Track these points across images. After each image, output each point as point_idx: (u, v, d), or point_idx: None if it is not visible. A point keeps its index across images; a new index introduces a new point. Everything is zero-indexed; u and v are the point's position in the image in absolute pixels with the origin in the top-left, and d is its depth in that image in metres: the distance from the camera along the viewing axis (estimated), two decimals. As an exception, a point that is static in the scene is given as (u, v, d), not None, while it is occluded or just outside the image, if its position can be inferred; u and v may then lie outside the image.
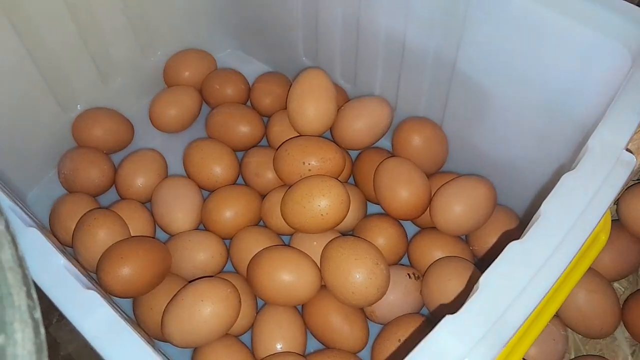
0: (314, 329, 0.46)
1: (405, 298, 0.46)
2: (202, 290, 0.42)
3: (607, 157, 0.30)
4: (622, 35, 0.36)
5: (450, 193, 0.48)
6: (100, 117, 0.56)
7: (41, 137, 0.54)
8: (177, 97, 0.58)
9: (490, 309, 0.26)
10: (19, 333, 0.22)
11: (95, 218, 0.47)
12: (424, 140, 0.52)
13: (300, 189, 0.46)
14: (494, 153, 0.50)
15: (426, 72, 0.49)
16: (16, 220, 0.31)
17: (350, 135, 0.53)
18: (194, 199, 0.52)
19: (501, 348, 0.26)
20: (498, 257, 0.28)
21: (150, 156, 0.54)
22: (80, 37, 0.51)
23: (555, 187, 0.30)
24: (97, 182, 0.53)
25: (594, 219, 0.29)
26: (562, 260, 0.28)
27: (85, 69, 0.54)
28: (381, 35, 0.50)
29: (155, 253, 0.45)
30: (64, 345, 0.51)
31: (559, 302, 0.34)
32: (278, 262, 0.45)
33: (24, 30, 0.47)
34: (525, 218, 0.50)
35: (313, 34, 0.56)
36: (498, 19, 0.41)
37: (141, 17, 0.55)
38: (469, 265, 0.45)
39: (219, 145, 0.54)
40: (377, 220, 0.49)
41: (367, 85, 0.56)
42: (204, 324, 0.41)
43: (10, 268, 0.24)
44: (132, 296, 0.46)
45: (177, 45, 0.61)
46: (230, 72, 0.61)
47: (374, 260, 0.43)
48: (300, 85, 0.52)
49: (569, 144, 0.42)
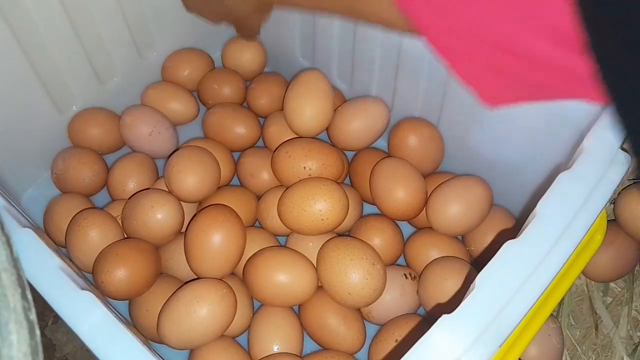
0: (310, 330, 0.46)
1: (402, 298, 0.46)
2: (198, 291, 0.42)
3: (603, 157, 0.30)
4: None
5: (447, 193, 0.48)
6: (96, 118, 0.56)
7: (37, 138, 0.54)
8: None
9: (486, 308, 0.26)
10: (14, 334, 0.22)
11: (85, 218, 0.47)
12: (420, 140, 0.52)
13: (301, 191, 0.46)
14: (490, 153, 0.50)
15: (422, 73, 0.49)
16: (11, 221, 0.31)
17: (347, 135, 0.53)
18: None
19: (497, 347, 0.26)
20: (494, 257, 0.28)
21: (140, 158, 0.54)
22: (77, 37, 0.51)
23: (551, 187, 0.30)
24: (89, 182, 0.53)
25: (590, 219, 0.29)
26: (558, 259, 0.28)
27: (82, 69, 0.54)
28: (378, 36, 0.50)
29: (148, 255, 0.45)
30: (60, 347, 0.51)
31: (555, 302, 0.34)
32: (274, 263, 0.45)
33: (20, 30, 0.47)
34: (521, 218, 0.50)
35: (310, 35, 0.56)
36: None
37: (137, 16, 0.55)
38: (465, 265, 0.45)
39: (215, 145, 0.54)
40: (373, 221, 0.49)
41: (364, 86, 0.56)
42: (200, 325, 0.41)
43: (4, 269, 0.24)
44: (127, 298, 0.46)
45: (173, 45, 0.61)
46: (228, 72, 0.61)
47: (371, 260, 0.43)
48: (297, 86, 0.52)
49: (564, 144, 0.42)
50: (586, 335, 0.52)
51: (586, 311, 0.53)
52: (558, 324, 0.48)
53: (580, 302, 0.53)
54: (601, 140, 0.31)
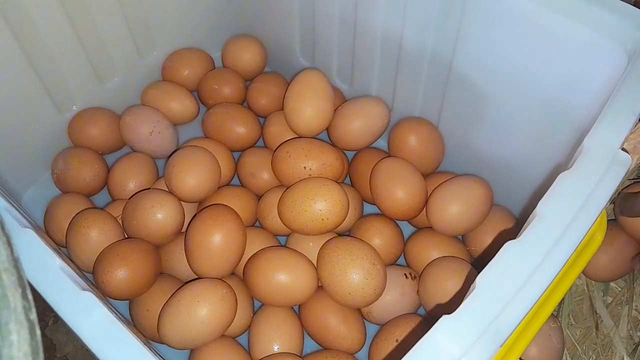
0: (310, 329, 0.46)
1: (402, 298, 0.46)
2: (199, 291, 0.42)
3: (603, 157, 0.30)
4: (618, 34, 0.36)
5: (447, 193, 0.48)
6: (96, 118, 0.56)
7: (37, 138, 0.54)
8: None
9: (487, 309, 0.26)
10: (14, 334, 0.22)
11: (85, 218, 0.47)
12: (420, 140, 0.52)
13: (301, 191, 0.46)
14: (490, 153, 0.50)
15: (423, 72, 0.49)
16: (12, 221, 0.31)
17: (347, 135, 0.53)
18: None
19: (498, 348, 0.26)
20: (494, 257, 0.28)
21: (140, 158, 0.54)
22: (77, 36, 0.51)
23: (551, 187, 0.30)
24: (89, 182, 0.53)
25: (590, 219, 0.29)
26: (559, 259, 0.28)
27: (82, 69, 0.54)
28: (378, 35, 0.50)
29: (149, 255, 0.45)
30: (61, 347, 0.51)
31: (556, 302, 0.34)
32: (274, 263, 0.45)
33: (20, 30, 0.47)
34: (522, 218, 0.50)
35: (310, 35, 0.56)
36: (494, 19, 0.41)
37: (138, 16, 0.55)
38: (465, 265, 0.45)
39: (215, 145, 0.54)
40: (373, 221, 0.49)
41: (364, 86, 0.56)
42: (200, 325, 0.41)
43: (5, 269, 0.24)
44: (128, 298, 0.46)
45: (173, 45, 0.61)
46: (228, 72, 0.61)
47: (371, 260, 0.43)
48: (297, 86, 0.52)
49: (565, 144, 0.42)
50: (586, 335, 0.52)
51: (586, 311, 0.53)
52: (558, 323, 0.48)
53: (581, 302, 0.53)
54: (601, 140, 0.31)
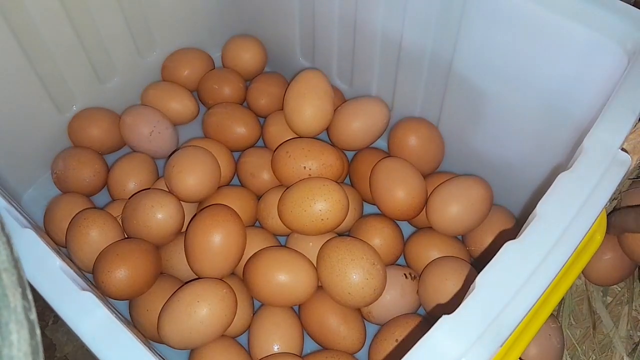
0: (310, 329, 0.46)
1: (402, 298, 0.46)
2: (198, 291, 0.42)
3: (603, 157, 0.30)
4: (618, 34, 0.36)
5: (447, 193, 0.48)
6: (96, 118, 0.56)
7: (37, 138, 0.54)
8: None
9: (486, 309, 0.26)
10: (14, 334, 0.22)
11: (85, 218, 0.47)
12: (420, 140, 0.52)
13: (301, 191, 0.46)
14: (490, 153, 0.50)
15: (423, 73, 0.49)
16: (12, 221, 0.31)
17: (347, 135, 0.53)
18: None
19: (498, 348, 0.26)
20: (494, 257, 0.28)
21: (140, 158, 0.54)
22: (77, 36, 0.51)
23: (551, 187, 0.30)
24: (89, 182, 0.53)
25: (590, 219, 0.29)
26: (558, 259, 0.28)
27: (82, 69, 0.54)
28: (378, 35, 0.50)
29: (149, 255, 0.45)
30: (60, 347, 0.51)
31: (555, 302, 0.34)
32: (274, 263, 0.45)
33: (20, 30, 0.47)
34: (522, 218, 0.50)
35: (310, 35, 0.56)
36: (494, 19, 0.41)
37: (138, 16, 0.55)
38: (465, 265, 0.45)
39: (215, 145, 0.54)
40: (373, 221, 0.49)
41: (364, 86, 0.56)
42: (200, 325, 0.41)
43: (5, 269, 0.24)
44: (128, 298, 0.46)
45: (173, 45, 0.61)
46: (228, 72, 0.61)
47: (371, 260, 0.43)
48: (297, 86, 0.52)
49: (564, 144, 0.42)
50: (586, 335, 0.52)
51: (586, 311, 0.53)
52: (558, 323, 0.48)
53: (580, 302, 0.53)
54: (601, 140, 0.31)
